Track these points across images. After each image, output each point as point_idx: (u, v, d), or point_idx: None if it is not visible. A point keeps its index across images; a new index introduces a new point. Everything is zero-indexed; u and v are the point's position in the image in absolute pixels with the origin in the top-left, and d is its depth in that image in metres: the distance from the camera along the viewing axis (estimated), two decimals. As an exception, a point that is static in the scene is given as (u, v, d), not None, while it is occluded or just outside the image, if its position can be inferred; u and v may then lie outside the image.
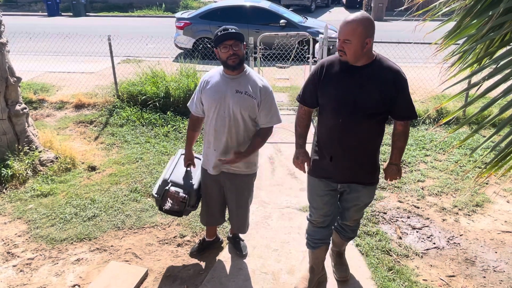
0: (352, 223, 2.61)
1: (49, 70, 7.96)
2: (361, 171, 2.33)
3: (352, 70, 2.16)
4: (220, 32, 2.34)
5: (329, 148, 2.32)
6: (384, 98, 2.13)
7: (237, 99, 2.42)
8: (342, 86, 2.19)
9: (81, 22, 16.83)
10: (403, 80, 2.13)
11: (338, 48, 2.11)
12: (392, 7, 18.10)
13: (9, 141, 4.17)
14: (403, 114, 2.21)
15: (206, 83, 2.53)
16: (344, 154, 2.28)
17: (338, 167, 2.32)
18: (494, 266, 2.97)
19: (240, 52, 2.37)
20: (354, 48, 2.05)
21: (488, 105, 1.77)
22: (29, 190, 3.90)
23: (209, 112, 2.51)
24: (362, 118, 2.17)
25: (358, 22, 2.01)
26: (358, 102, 2.14)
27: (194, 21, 9.56)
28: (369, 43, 2.05)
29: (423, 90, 6.51)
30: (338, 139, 2.25)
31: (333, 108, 2.23)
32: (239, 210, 2.79)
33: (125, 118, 5.64)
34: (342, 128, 2.21)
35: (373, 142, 2.31)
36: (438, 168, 4.39)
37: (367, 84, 2.13)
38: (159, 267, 2.93)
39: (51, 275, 2.86)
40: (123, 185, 4.03)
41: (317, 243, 2.57)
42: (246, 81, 2.46)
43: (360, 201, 2.45)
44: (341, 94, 2.19)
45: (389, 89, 2.12)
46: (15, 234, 3.30)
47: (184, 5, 20.54)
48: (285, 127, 5.50)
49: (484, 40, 1.85)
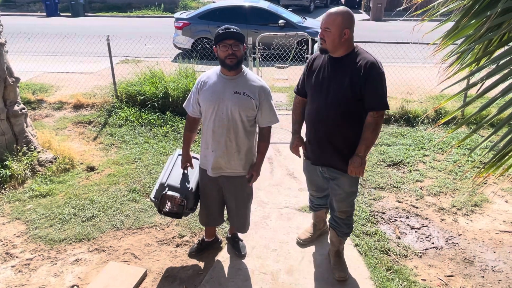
0: (342, 215, 2.68)
1: (48, 70, 7.95)
2: (335, 157, 2.49)
3: (331, 61, 2.39)
4: (221, 30, 2.34)
5: (308, 132, 2.57)
6: (353, 86, 2.28)
7: (236, 100, 2.41)
8: (319, 76, 2.42)
9: (80, 22, 16.81)
10: (375, 71, 2.25)
11: (319, 36, 2.36)
12: (391, 7, 18.13)
13: (7, 142, 4.16)
14: (369, 104, 2.31)
15: (203, 83, 2.51)
16: (317, 138, 2.50)
17: (313, 150, 2.59)
18: (492, 266, 2.97)
19: (239, 52, 2.35)
20: (332, 37, 2.27)
21: (487, 105, 1.78)
22: (28, 190, 3.89)
23: (207, 114, 2.50)
24: (334, 106, 2.35)
25: (338, 13, 2.26)
26: (331, 90, 2.35)
27: (193, 21, 9.56)
28: (347, 34, 2.27)
29: (422, 90, 6.52)
30: (313, 124, 2.49)
31: (310, 95, 2.50)
32: (239, 210, 2.79)
33: (124, 119, 5.64)
34: (316, 113, 2.44)
35: (348, 130, 2.41)
36: (437, 168, 4.39)
37: (340, 73, 2.33)
38: (158, 267, 2.93)
39: (50, 275, 2.85)
40: (122, 185, 4.02)
41: (317, 207, 3.04)
42: (244, 81, 2.45)
43: (340, 190, 2.58)
44: (317, 83, 2.43)
45: (358, 78, 2.26)
46: (14, 234, 3.29)
47: (183, 5, 20.53)
48: (284, 127, 5.51)
49: (482, 40, 1.85)
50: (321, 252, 3.07)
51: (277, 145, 5.02)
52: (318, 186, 2.86)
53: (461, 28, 1.99)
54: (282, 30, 9.11)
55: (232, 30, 2.32)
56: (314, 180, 2.84)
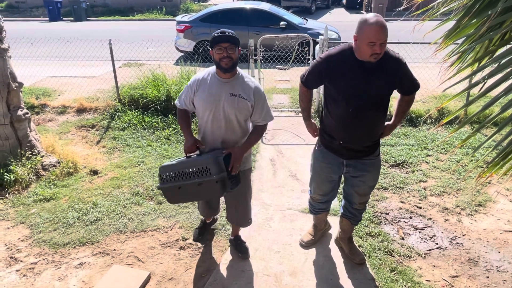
0: (361, 206, 2.83)
1: (51, 75, 7.99)
2: (368, 149, 2.58)
3: (358, 63, 2.31)
4: (217, 34, 2.38)
5: (342, 134, 2.52)
6: (388, 84, 2.37)
7: (232, 102, 2.47)
8: (352, 78, 2.34)
9: (82, 27, 16.91)
10: (403, 65, 2.37)
11: (377, 52, 2.17)
12: (392, 7, 18.11)
13: (11, 146, 4.18)
14: (408, 90, 2.50)
15: (199, 84, 2.53)
16: (354, 138, 2.50)
17: (348, 149, 2.56)
18: (497, 266, 2.95)
19: (234, 55, 2.40)
20: (385, 48, 2.23)
21: (490, 104, 1.77)
22: (32, 194, 3.91)
23: (204, 115, 2.54)
24: (374, 105, 2.39)
25: (385, 24, 2.16)
26: (369, 91, 2.34)
27: (194, 24, 9.59)
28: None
29: (424, 90, 6.49)
30: (348, 125, 2.46)
31: (343, 98, 2.40)
32: (238, 206, 2.84)
33: (127, 122, 5.66)
34: (354, 115, 2.40)
35: (380, 127, 2.56)
36: (440, 168, 4.37)
37: (373, 75, 2.32)
38: (161, 270, 2.93)
39: (54, 279, 2.86)
40: (125, 188, 4.03)
41: (318, 211, 3.03)
42: (239, 84, 2.51)
43: (365, 185, 2.68)
44: (352, 86, 2.36)
45: (393, 77, 2.34)
46: (18, 238, 3.31)
47: (184, 8, 20.60)
48: (286, 128, 5.50)
49: (483, 39, 1.85)
50: (324, 254, 3.06)
51: (280, 146, 5.02)
52: (326, 190, 2.83)
53: (462, 28, 1.98)
54: (283, 31, 9.11)
55: (228, 34, 2.36)
56: (324, 185, 2.80)
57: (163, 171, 2.45)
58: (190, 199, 2.74)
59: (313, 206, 3.01)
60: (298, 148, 4.94)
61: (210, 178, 2.29)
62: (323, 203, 2.94)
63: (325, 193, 2.85)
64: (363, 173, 2.62)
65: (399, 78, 2.37)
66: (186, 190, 2.40)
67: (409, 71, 2.40)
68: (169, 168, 2.44)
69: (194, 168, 2.35)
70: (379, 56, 2.21)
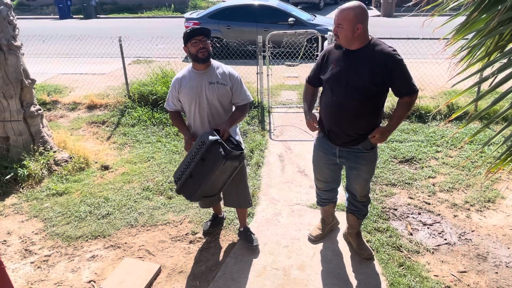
0: (363, 199, 2.87)
1: (62, 72, 8.11)
2: (356, 139, 2.58)
3: (347, 53, 2.43)
4: (189, 30, 2.57)
5: (329, 123, 2.61)
6: (374, 77, 2.33)
7: (212, 90, 2.67)
8: (337, 68, 2.46)
9: (92, 24, 17.06)
10: (396, 60, 2.32)
11: (333, 32, 2.40)
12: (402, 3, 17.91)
13: (24, 142, 4.27)
14: (402, 91, 2.42)
15: (180, 83, 2.74)
16: (339, 127, 2.55)
17: (337, 136, 2.62)
18: (506, 261, 2.95)
19: (208, 46, 2.62)
20: (345, 33, 2.31)
21: (499, 99, 1.77)
22: (45, 189, 4.00)
23: (190, 107, 2.73)
24: (354, 95, 2.40)
25: (349, 9, 2.28)
26: (350, 80, 2.40)
27: (203, 21, 9.62)
28: (360, 28, 2.29)
29: (434, 85, 6.45)
30: (334, 113, 2.53)
31: (329, 87, 2.53)
32: (238, 184, 2.91)
33: (137, 118, 5.72)
34: (337, 104, 2.48)
35: (368, 116, 2.51)
36: (449, 164, 4.35)
37: (357, 64, 2.37)
38: (171, 263, 2.98)
39: (68, 271, 2.93)
40: (135, 183, 4.09)
41: (324, 202, 3.07)
42: (215, 72, 2.71)
43: (361, 178, 2.71)
44: (335, 75, 2.46)
45: (380, 70, 2.31)
46: (32, 232, 3.39)
47: (193, 5, 20.66)
48: (295, 125, 5.52)
49: (494, 34, 1.84)
50: (332, 248, 3.09)
51: (288, 142, 5.04)
52: (326, 177, 2.90)
53: (472, 23, 1.98)
54: (291, 28, 9.10)
55: (200, 27, 2.61)
56: (323, 171, 2.89)
57: (175, 175, 2.65)
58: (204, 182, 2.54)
59: (319, 196, 3.07)
60: (306, 144, 4.95)
61: (206, 146, 2.45)
62: (328, 191, 3.00)
63: (325, 180, 2.92)
64: (357, 165, 2.67)
65: (389, 72, 2.31)
66: (197, 174, 2.53)
67: (404, 70, 2.35)
68: (177, 169, 2.64)
69: (193, 152, 2.52)
70: (338, 39, 2.37)
